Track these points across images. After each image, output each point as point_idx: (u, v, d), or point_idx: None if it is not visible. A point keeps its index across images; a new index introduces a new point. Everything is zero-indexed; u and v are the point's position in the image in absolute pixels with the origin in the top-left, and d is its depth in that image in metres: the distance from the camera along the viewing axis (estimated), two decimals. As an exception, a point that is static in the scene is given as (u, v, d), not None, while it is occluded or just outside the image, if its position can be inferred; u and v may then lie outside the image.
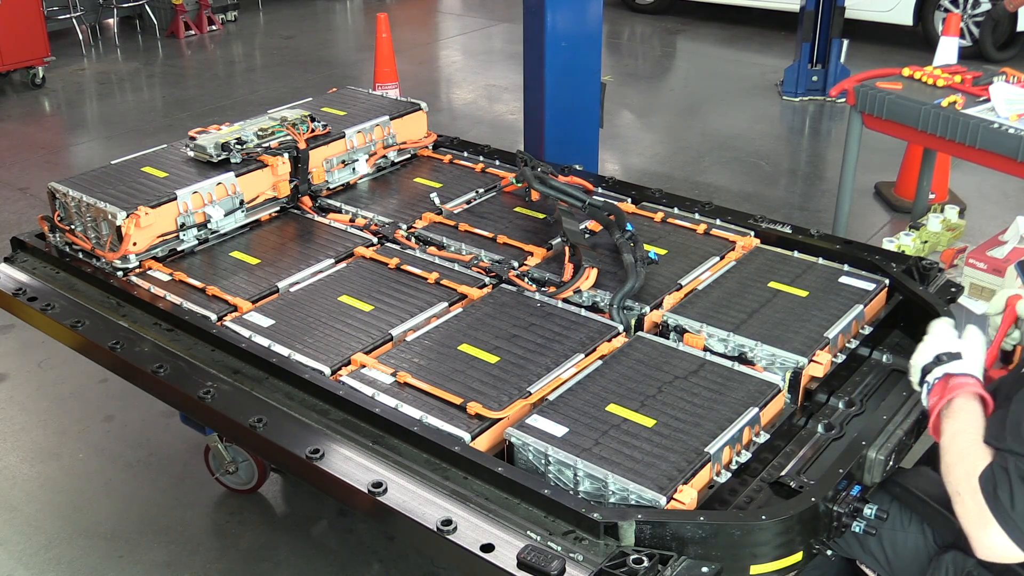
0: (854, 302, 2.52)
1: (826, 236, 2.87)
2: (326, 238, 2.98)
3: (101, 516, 3.34)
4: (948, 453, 1.83)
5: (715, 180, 6.12)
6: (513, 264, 2.76)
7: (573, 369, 2.29)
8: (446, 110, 7.67)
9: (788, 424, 2.17)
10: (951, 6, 8.28)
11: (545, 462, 1.99)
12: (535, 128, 4.92)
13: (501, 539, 1.84)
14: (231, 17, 10.48)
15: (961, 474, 1.78)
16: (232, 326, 2.51)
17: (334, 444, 2.12)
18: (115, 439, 3.74)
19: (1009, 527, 1.70)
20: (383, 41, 6.43)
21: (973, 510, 1.74)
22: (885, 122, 4.25)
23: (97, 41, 9.82)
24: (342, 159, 3.31)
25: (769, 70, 8.23)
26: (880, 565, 2.15)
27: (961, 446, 1.82)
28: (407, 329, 2.49)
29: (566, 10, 4.65)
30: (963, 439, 1.82)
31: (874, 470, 2.02)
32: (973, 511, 1.74)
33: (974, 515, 1.74)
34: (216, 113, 7.43)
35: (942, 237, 4.56)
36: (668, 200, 3.15)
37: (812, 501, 1.83)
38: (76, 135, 7.43)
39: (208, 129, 3.24)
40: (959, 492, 1.77)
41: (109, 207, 2.78)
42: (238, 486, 3.38)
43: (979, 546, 1.74)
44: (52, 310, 2.71)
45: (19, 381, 4.16)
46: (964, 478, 1.77)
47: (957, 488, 1.78)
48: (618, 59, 9.00)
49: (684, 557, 1.77)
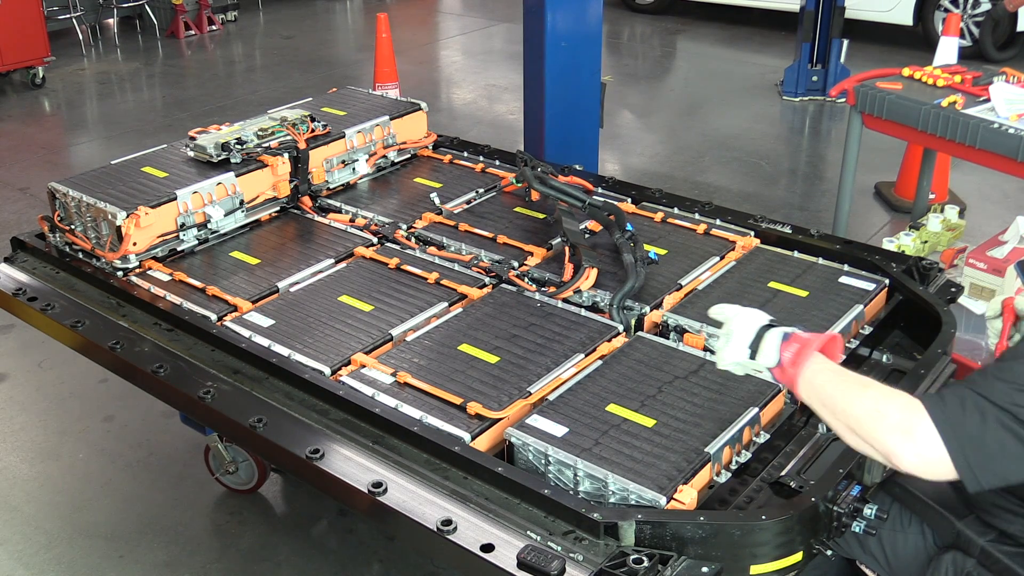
0: (854, 302, 2.52)
1: (826, 236, 2.87)
2: (326, 238, 2.98)
3: (101, 516, 3.34)
4: (846, 389, 1.73)
5: (715, 180, 6.12)
6: (513, 264, 2.76)
7: (573, 369, 2.29)
8: (446, 110, 7.67)
9: (788, 424, 2.17)
10: (951, 6, 8.28)
11: (545, 462, 1.99)
12: (535, 128, 4.92)
13: (501, 539, 1.84)
14: (231, 17, 10.48)
15: (875, 395, 1.70)
16: (232, 326, 2.51)
17: (334, 444, 2.12)
18: (115, 439, 3.74)
19: (943, 427, 1.61)
20: (383, 41, 6.43)
21: (897, 421, 1.64)
22: (885, 122, 4.25)
23: (97, 41, 9.82)
24: (342, 159, 3.31)
25: (769, 70, 8.23)
26: (880, 565, 2.15)
27: (858, 379, 1.75)
28: (407, 329, 2.49)
29: (566, 10, 4.65)
30: (854, 375, 1.76)
31: (874, 470, 2.02)
32: (897, 422, 1.65)
33: (898, 426, 1.65)
34: (216, 113, 7.43)
35: (942, 237, 4.56)
36: (668, 200, 3.15)
37: (812, 501, 1.83)
38: (76, 135, 7.43)
39: (208, 129, 3.24)
40: (878, 410, 1.68)
41: (109, 207, 2.78)
42: (238, 486, 3.38)
43: (903, 453, 1.64)
44: (52, 310, 2.71)
45: (19, 381, 4.16)
46: (881, 396, 1.70)
47: (876, 407, 1.68)
48: (618, 59, 9.00)
49: (684, 557, 1.77)
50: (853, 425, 1.70)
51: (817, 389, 1.76)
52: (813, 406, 1.78)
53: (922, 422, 1.63)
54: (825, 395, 1.75)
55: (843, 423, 1.72)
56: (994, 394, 1.62)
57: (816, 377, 1.76)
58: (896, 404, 1.68)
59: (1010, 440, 1.60)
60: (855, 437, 1.71)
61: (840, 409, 1.72)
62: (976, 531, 1.94)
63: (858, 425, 1.69)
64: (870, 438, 1.68)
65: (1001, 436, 1.60)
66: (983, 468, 1.61)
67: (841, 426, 1.73)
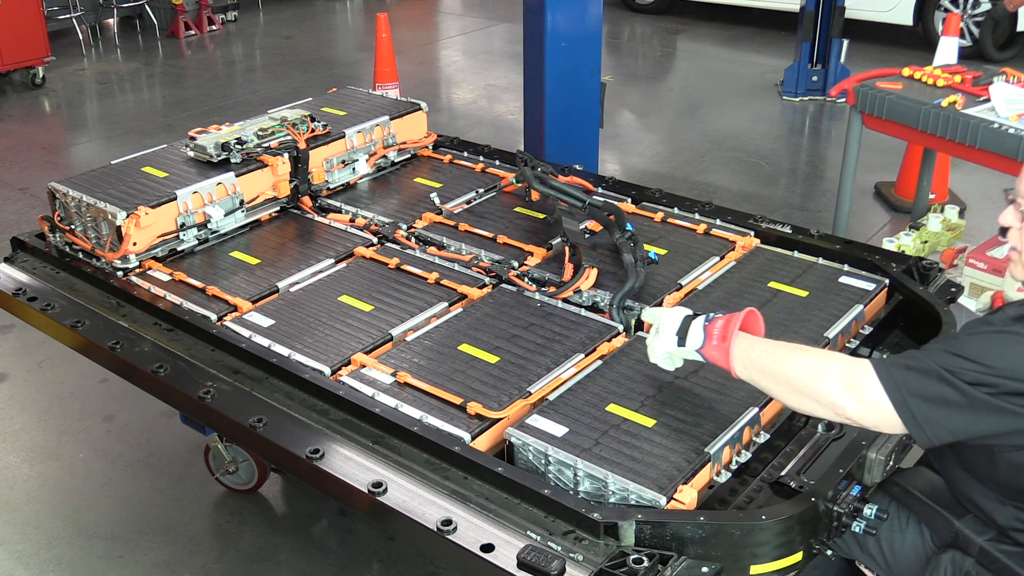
0: (854, 302, 2.52)
1: (826, 236, 2.87)
2: (326, 238, 2.98)
3: (101, 516, 3.34)
4: (785, 354, 1.83)
5: (715, 180, 6.12)
6: (513, 264, 2.76)
7: (573, 369, 2.29)
8: (446, 110, 7.67)
9: (788, 424, 2.17)
10: (951, 6, 8.28)
11: (545, 462, 1.99)
12: (535, 128, 4.92)
13: (501, 539, 1.84)
14: (231, 17, 10.48)
15: (815, 354, 1.81)
16: (232, 326, 2.51)
17: (334, 444, 2.12)
18: (115, 439, 3.74)
19: (886, 380, 1.71)
20: (383, 41, 6.43)
21: (839, 373, 1.74)
22: (885, 122, 4.26)
23: (97, 41, 9.82)
24: (342, 159, 3.31)
25: (769, 70, 8.23)
26: (879, 565, 2.15)
27: (794, 345, 1.86)
28: (407, 329, 2.49)
29: (566, 10, 4.65)
30: (788, 343, 1.87)
31: (874, 470, 2.02)
32: (838, 374, 1.74)
33: (840, 377, 1.74)
34: (216, 113, 7.43)
35: (942, 237, 4.56)
36: (668, 200, 3.15)
37: (812, 501, 1.83)
38: (76, 135, 7.43)
39: (208, 129, 3.24)
40: (819, 366, 1.77)
41: (109, 207, 2.78)
42: (238, 486, 3.38)
43: (846, 402, 1.74)
44: (52, 310, 2.71)
45: (19, 381, 4.16)
46: (821, 354, 1.81)
47: (817, 364, 1.78)
48: (618, 59, 9.00)
49: (684, 557, 1.77)
50: (797, 384, 1.79)
51: (755, 360, 1.86)
52: (752, 377, 1.89)
53: (865, 374, 1.73)
54: (764, 364, 1.85)
55: (786, 386, 1.81)
56: (939, 358, 1.71)
57: (751, 350, 1.87)
58: (837, 360, 1.78)
59: (952, 394, 1.68)
60: (799, 397, 1.80)
61: (782, 372, 1.82)
62: (975, 530, 1.94)
63: (802, 384, 1.78)
64: (814, 393, 1.77)
65: (943, 390, 1.69)
66: (928, 421, 1.69)
67: (784, 389, 1.83)
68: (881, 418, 1.74)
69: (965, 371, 1.68)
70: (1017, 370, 1.67)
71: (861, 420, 1.76)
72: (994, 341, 1.71)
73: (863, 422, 1.77)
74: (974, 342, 1.73)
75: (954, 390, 1.68)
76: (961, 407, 1.69)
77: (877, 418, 1.75)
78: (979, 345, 1.71)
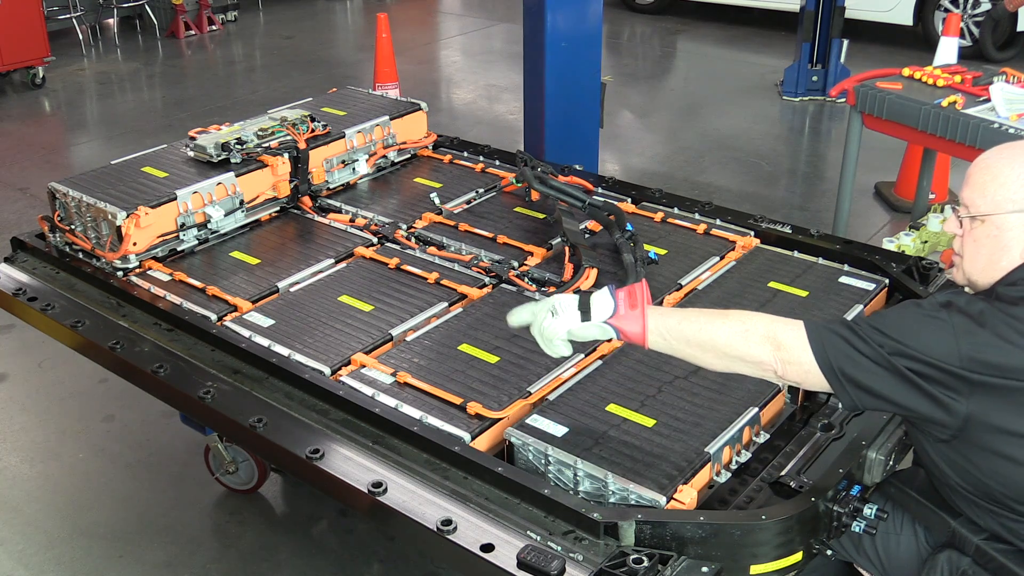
0: (854, 302, 2.52)
1: (826, 236, 2.87)
2: (326, 238, 2.98)
3: (101, 516, 3.34)
4: (708, 320, 1.88)
5: (715, 180, 6.12)
6: (513, 264, 2.76)
7: (573, 369, 2.29)
8: (446, 110, 7.67)
9: (788, 424, 2.17)
10: (951, 6, 8.28)
11: (545, 462, 1.99)
12: (535, 128, 4.92)
13: (501, 539, 1.84)
14: (231, 17, 10.48)
15: (739, 316, 1.86)
16: (232, 326, 2.51)
17: (334, 444, 2.12)
18: (115, 439, 3.74)
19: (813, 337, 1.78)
20: (383, 41, 6.43)
21: (764, 332, 1.81)
22: (885, 122, 4.25)
23: (97, 41, 9.82)
24: (342, 159, 3.31)
25: (769, 70, 8.23)
26: (875, 567, 2.15)
27: (714, 311, 1.92)
28: (407, 329, 2.49)
29: (566, 10, 4.65)
30: (708, 310, 1.94)
31: (874, 470, 2.02)
32: (764, 333, 1.81)
33: (765, 336, 1.80)
34: (216, 113, 7.43)
35: (942, 237, 4.56)
36: (668, 200, 3.15)
37: (812, 501, 1.83)
38: (76, 135, 7.43)
39: (208, 129, 3.24)
40: (745, 328, 1.82)
41: (109, 207, 2.78)
42: (238, 486, 3.38)
43: (771, 359, 1.80)
44: (52, 310, 2.71)
45: (19, 381, 4.16)
46: (749, 318, 1.85)
47: (743, 326, 1.83)
48: (618, 59, 9.00)
49: (684, 557, 1.77)
50: (723, 347, 1.84)
51: (675, 329, 1.89)
52: (672, 347, 1.91)
53: (792, 333, 1.80)
54: (688, 332, 1.88)
55: (712, 350, 1.86)
56: (867, 330, 1.78)
57: (668, 319, 1.90)
58: (762, 320, 1.84)
59: (873, 362, 1.75)
60: (726, 360, 1.86)
61: (707, 338, 1.86)
62: (971, 529, 1.94)
63: (728, 346, 1.84)
64: (741, 354, 1.83)
65: (865, 357, 1.76)
66: (851, 381, 1.76)
67: (707, 354, 1.87)
68: (803, 377, 1.82)
69: (888, 344, 1.75)
70: (932, 353, 1.72)
71: (785, 375, 1.83)
72: (919, 323, 1.77)
73: (786, 378, 1.84)
74: (901, 321, 1.79)
75: (876, 360, 1.75)
76: (881, 377, 1.75)
77: (799, 377, 1.82)
78: (904, 324, 1.77)
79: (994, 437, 1.75)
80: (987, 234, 1.86)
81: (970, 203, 1.88)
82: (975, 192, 1.87)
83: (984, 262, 1.88)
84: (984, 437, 1.76)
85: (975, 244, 1.89)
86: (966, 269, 1.93)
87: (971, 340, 1.72)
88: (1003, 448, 1.76)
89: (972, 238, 1.89)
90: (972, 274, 1.92)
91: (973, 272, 1.92)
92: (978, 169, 1.89)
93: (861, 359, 1.76)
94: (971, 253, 1.90)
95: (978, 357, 1.71)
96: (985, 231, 1.86)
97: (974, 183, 1.88)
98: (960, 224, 1.93)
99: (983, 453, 1.79)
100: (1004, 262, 1.85)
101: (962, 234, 1.93)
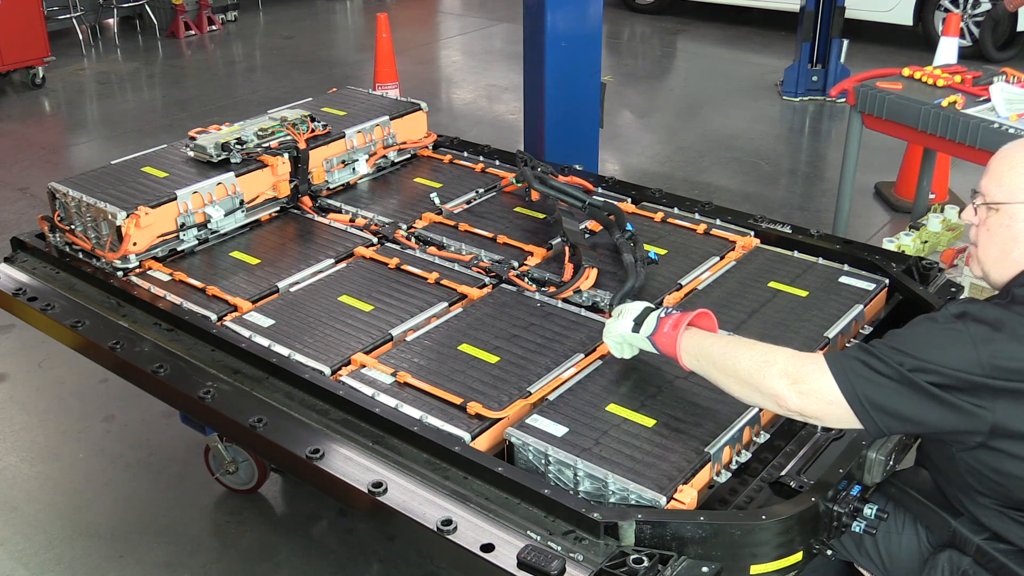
0: (854, 302, 2.52)
1: (826, 236, 2.87)
2: (326, 238, 2.98)
3: (101, 516, 3.34)
4: (734, 346, 1.93)
5: (715, 180, 6.12)
6: (513, 264, 2.76)
7: (573, 369, 2.29)
8: (446, 110, 7.67)
9: (788, 424, 2.17)
10: (951, 6, 8.29)
11: (545, 462, 1.99)
12: (535, 128, 4.92)
13: (501, 539, 1.84)
14: (231, 17, 10.48)
15: (762, 348, 1.88)
16: (232, 326, 2.51)
17: (334, 444, 2.12)
18: (115, 439, 3.74)
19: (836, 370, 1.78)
20: (383, 41, 6.43)
21: (783, 367, 1.82)
22: (885, 122, 4.25)
23: (97, 41, 9.82)
24: (342, 159, 3.31)
25: (769, 70, 8.23)
26: (876, 567, 2.15)
27: (742, 339, 1.97)
28: (407, 329, 2.49)
29: (566, 10, 4.65)
30: (738, 337, 2.00)
31: (874, 470, 2.02)
32: (783, 368, 1.82)
33: (784, 370, 1.81)
34: (216, 113, 7.43)
35: (942, 237, 4.56)
36: (668, 200, 3.15)
37: (812, 501, 1.83)
38: (76, 135, 7.43)
39: (208, 129, 3.24)
40: (766, 359, 1.84)
41: (109, 207, 2.78)
42: (238, 486, 3.38)
43: (788, 393, 1.81)
44: (52, 310, 2.71)
45: (19, 381, 4.17)
46: (768, 348, 1.87)
47: (764, 357, 1.85)
48: (618, 59, 9.00)
49: (684, 557, 1.77)
50: (743, 375, 1.87)
51: (706, 350, 1.96)
52: (702, 368, 1.98)
53: (812, 367, 1.80)
54: (714, 353, 1.94)
55: (733, 377, 1.89)
56: (885, 352, 1.77)
57: (703, 341, 1.98)
58: (784, 354, 1.86)
59: (896, 384, 1.74)
60: (745, 388, 1.88)
61: (729, 363, 1.90)
62: (971, 529, 1.94)
63: (748, 375, 1.86)
64: (758, 384, 1.84)
65: (888, 380, 1.74)
66: (876, 408, 1.75)
67: (731, 381, 1.91)
68: (823, 409, 1.80)
69: (907, 361, 1.74)
70: (953, 364, 1.72)
71: (803, 411, 1.82)
72: (936, 336, 1.76)
73: (805, 413, 1.83)
74: (917, 337, 1.79)
75: (898, 380, 1.74)
76: (905, 396, 1.74)
77: (819, 409, 1.81)
78: (921, 340, 1.77)
79: (1020, 443, 1.74)
80: (1000, 223, 1.87)
81: (986, 191, 1.90)
82: (992, 181, 1.89)
83: (997, 252, 1.89)
84: (1009, 444, 1.75)
85: (988, 233, 1.90)
86: (980, 258, 1.94)
87: (990, 347, 1.71)
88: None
89: (986, 227, 1.90)
90: (986, 264, 1.93)
91: (987, 262, 1.92)
92: (998, 159, 1.91)
93: (882, 380, 1.74)
94: (984, 242, 1.91)
95: (999, 364, 1.70)
96: (999, 220, 1.87)
97: (992, 172, 1.90)
98: (975, 212, 1.93)
99: (1008, 459, 1.77)
100: (1016, 253, 1.86)
101: (977, 223, 1.93)
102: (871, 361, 1.76)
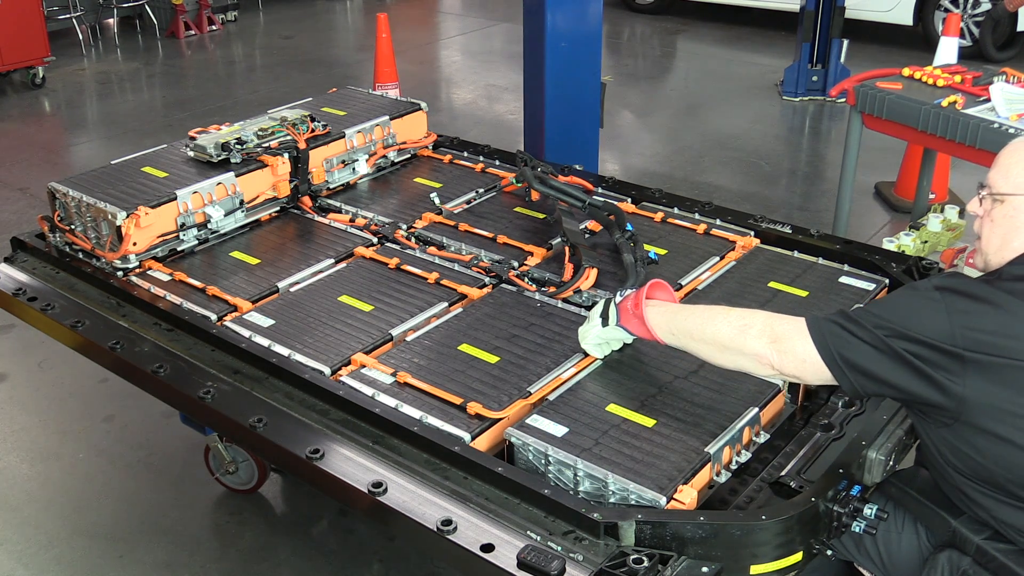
0: (854, 302, 2.52)
1: (826, 236, 2.87)
2: (326, 238, 2.98)
3: (101, 516, 3.34)
4: (710, 315, 1.98)
5: (715, 180, 6.12)
6: (513, 264, 2.76)
7: (573, 369, 2.29)
8: (446, 110, 7.67)
9: (788, 424, 2.17)
10: (951, 6, 8.29)
11: (545, 462, 1.99)
12: (535, 128, 4.92)
13: (501, 539, 1.84)
14: (231, 17, 10.48)
15: (739, 313, 1.95)
16: (232, 326, 2.51)
17: (334, 444, 2.12)
18: (115, 439, 3.74)
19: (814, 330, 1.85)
20: (383, 41, 6.43)
21: (762, 328, 1.89)
22: (885, 122, 4.25)
23: (97, 41, 9.82)
24: (342, 159, 3.31)
25: (769, 70, 8.23)
26: (876, 567, 2.15)
27: (717, 307, 2.01)
28: (407, 329, 2.49)
29: (566, 10, 4.65)
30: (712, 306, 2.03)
31: (874, 470, 2.02)
32: (762, 329, 1.89)
33: (764, 331, 1.89)
34: (216, 113, 7.43)
35: (942, 237, 4.56)
36: (668, 200, 3.15)
37: (812, 501, 1.83)
38: (76, 135, 7.43)
39: (208, 129, 3.24)
40: (745, 323, 1.91)
41: (109, 207, 2.78)
42: (238, 486, 3.38)
43: (770, 353, 1.87)
44: (52, 310, 2.71)
45: (19, 381, 4.17)
46: (749, 314, 1.94)
47: (743, 322, 1.92)
48: (618, 59, 9.00)
49: (684, 557, 1.77)
50: (725, 341, 1.93)
51: (679, 324, 2.02)
52: (681, 342, 2.04)
53: (790, 327, 1.88)
54: (690, 326, 2.00)
55: (712, 343, 1.96)
56: (864, 315, 1.83)
57: (675, 316, 2.04)
58: (761, 316, 1.94)
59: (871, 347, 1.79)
60: (728, 353, 1.95)
61: (708, 333, 1.96)
62: (972, 529, 1.94)
63: (730, 339, 1.93)
64: (740, 346, 1.91)
65: (864, 342, 1.80)
66: (852, 368, 1.81)
67: (711, 348, 1.98)
68: (802, 367, 1.87)
69: (884, 326, 1.79)
70: (926, 332, 1.76)
71: (783, 368, 1.89)
72: (914, 304, 1.81)
73: (785, 371, 1.90)
74: (896, 304, 1.83)
75: (873, 343, 1.79)
76: (879, 360, 1.79)
77: (797, 367, 1.87)
78: (900, 307, 1.82)
79: (993, 419, 1.77)
80: (1004, 214, 1.89)
81: (993, 183, 1.92)
82: (999, 173, 1.92)
83: (999, 242, 1.91)
84: (984, 420, 1.77)
85: (992, 224, 1.92)
86: (983, 249, 1.96)
87: (964, 318, 1.75)
88: (1003, 431, 1.76)
89: (990, 218, 1.93)
90: (988, 254, 1.95)
91: (989, 252, 1.94)
92: (1007, 152, 1.94)
93: (859, 343, 1.80)
94: (987, 233, 1.94)
95: (971, 335, 1.74)
96: (1003, 211, 1.90)
97: (1000, 165, 1.92)
98: (980, 204, 1.96)
99: (984, 436, 1.79)
100: (1016, 242, 1.88)
101: (982, 215, 1.96)
102: (848, 324, 1.82)
